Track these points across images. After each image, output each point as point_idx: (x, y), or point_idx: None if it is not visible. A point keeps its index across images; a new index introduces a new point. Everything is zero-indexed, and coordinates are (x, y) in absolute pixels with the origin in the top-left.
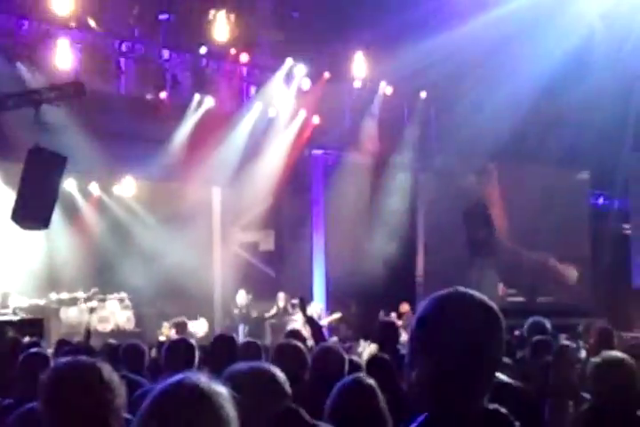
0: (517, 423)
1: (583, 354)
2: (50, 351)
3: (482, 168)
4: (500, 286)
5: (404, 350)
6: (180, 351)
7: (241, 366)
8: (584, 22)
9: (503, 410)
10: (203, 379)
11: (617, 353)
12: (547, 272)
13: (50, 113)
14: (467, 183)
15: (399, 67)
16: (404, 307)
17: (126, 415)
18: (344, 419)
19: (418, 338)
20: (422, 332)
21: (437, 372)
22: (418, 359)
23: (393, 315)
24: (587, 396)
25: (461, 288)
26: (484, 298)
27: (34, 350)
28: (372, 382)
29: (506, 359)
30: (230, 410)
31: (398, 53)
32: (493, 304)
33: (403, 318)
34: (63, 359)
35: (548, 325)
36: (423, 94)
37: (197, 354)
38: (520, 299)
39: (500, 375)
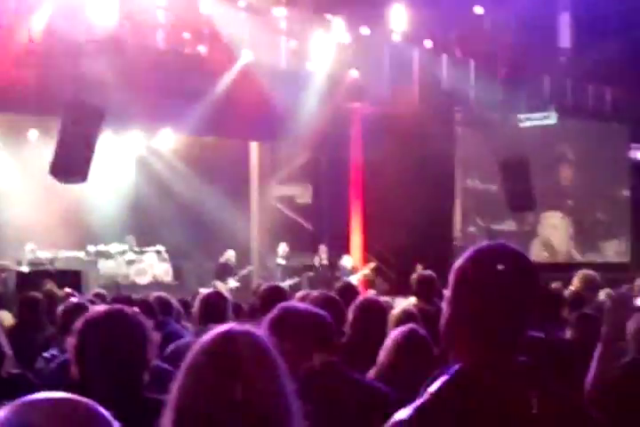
0: (545, 375)
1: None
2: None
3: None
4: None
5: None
6: (214, 304)
7: (297, 306)
8: None
9: (531, 362)
10: (249, 327)
11: None
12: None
13: (89, 67)
14: (505, 136)
15: (439, 20)
16: None
17: (163, 365)
18: (399, 368)
19: (452, 289)
20: (455, 282)
21: (469, 322)
22: (451, 311)
23: None
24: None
25: (497, 241)
26: (518, 249)
27: (74, 300)
28: (424, 333)
29: None
30: (278, 357)
31: (438, 6)
32: (526, 255)
33: None
34: (99, 308)
35: (599, 278)
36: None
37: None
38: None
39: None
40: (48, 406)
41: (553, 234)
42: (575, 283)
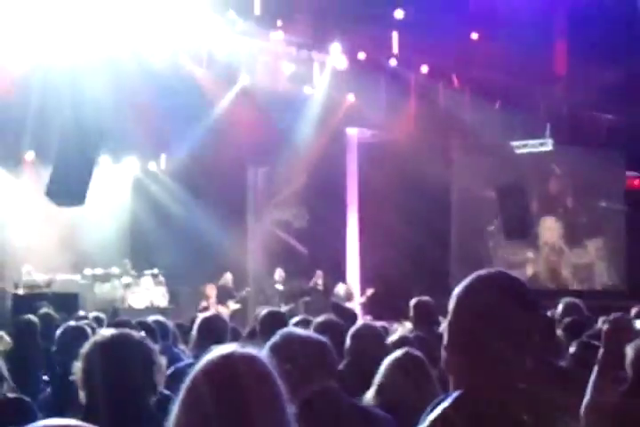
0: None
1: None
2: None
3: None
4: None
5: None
6: (213, 327)
7: (298, 332)
8: None
9: (536, 388)
10: (252, 350)
11: None
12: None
13: (87, 88)
14: (502, 162)
15: (435, 46)
16: None
17: (164, 391)
18: (393, 392)
19: (451, 315)
20: (455, 309)
21: (468, 348)
22: (450, 337)
23: None
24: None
25: (494, 269)
26: (516, 277)
27: (72, 323)
28: (420, 354)
29: None
30: (278, 380)
31: (434, 32)
32: (523, 281)
33: None
34: (107, 332)
35: (583, 306)
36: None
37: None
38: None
39: None
40: None
41: (549, 234)
42: (559, 310)
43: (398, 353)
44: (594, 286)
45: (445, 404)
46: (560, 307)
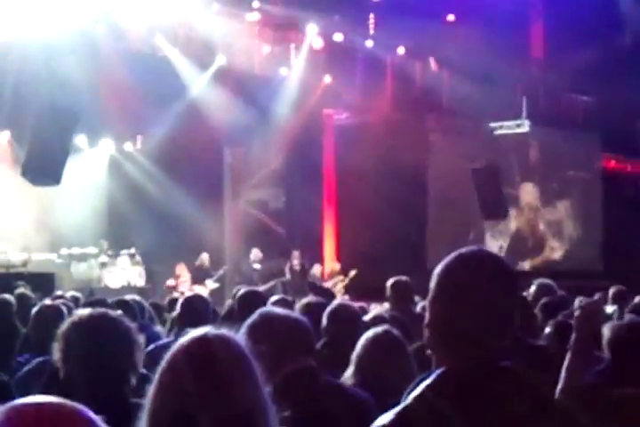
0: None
1: (609, 310)
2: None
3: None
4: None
5: (417, 310)
6: (196, 307)
7: (276, 312)
8: None
9: (517, 367)
10: (226, 331)
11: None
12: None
13: (62, 68)
14: (478, 142)
15: (412, 27)
16: None
17: (142, 370)
18: (372, 370)
19: (433, 293)
20: (437, 287)
21: (451, 326)
22: (433, 314)
23: None
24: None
25: (476, 247)
26: (498, 255)
27: (48, 302)
28: (399, 333)
29: None
30: (253, 361)
31: (411, 14)
32: (506, 261)
33: None
34: (84, 311)
35: (556, 287)
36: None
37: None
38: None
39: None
40: (34, 410)
41: (528, 196)
42: (532, 291)
43: (378, 330)
44: (563, 237)
45: (427, 382)
46: (533, 288)
